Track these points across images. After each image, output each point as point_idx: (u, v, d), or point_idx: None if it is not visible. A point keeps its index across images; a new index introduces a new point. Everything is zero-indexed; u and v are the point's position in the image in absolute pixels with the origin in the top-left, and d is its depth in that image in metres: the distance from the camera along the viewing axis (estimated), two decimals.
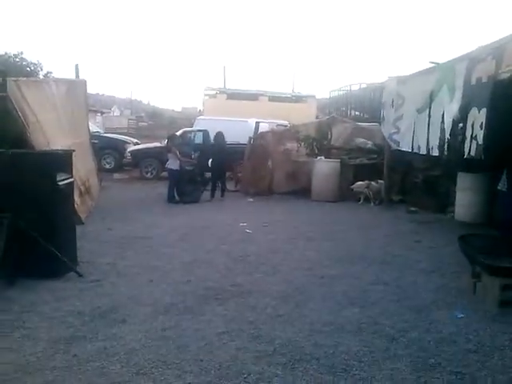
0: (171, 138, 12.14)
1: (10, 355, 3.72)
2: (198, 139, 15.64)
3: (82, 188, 9.80)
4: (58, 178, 5.64)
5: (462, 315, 4.62)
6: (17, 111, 7.65)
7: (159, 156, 14.98)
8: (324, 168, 11.91)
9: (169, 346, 3.93)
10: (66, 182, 5.88)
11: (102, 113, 36.06)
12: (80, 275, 5.69)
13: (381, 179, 11.19)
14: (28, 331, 4.16)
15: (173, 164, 11.54)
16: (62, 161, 5.94)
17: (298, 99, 23.83)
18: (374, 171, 11.49)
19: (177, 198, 11.53)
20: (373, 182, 11.28)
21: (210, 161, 12.13)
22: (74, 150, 6.38)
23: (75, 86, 11.73)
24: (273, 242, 7.65)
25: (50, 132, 8.73)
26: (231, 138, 13.14)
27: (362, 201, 11.41)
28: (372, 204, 11.25)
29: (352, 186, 11.46)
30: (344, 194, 11.74)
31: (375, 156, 12.19)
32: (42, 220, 5.41)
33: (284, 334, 4.18)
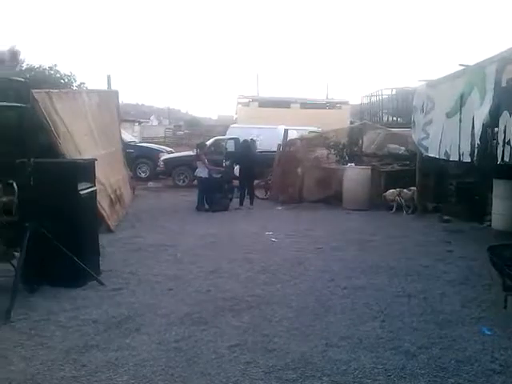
0: (200, 146, 12.21)
1: (21, 364, 3.75)
2: (230, 147, 15.68)
3: (113, 196, 9.95)
4: (79, 187, 5.72)
5: (490, 332, 4.35)
6: (47, 122, 7.86)
7: (191, 164, 15.11)
8: (354, 175, 11.67)
9: (179, 358, 3.87)
10: (88, 190, 5.95)
11: (140, 122, 36.80)
12: (101, 284, 5.74)
13: (413, 186, 10.85)
14: (43, 339, 4.20)
15: (201, 172, 11.59)
16: (84, 170, 6.02)
17: (331, 106, 23.60)
18: (407, 178, 11.16)
19: (206, 206, 11.55)
20: (405, 190, 10.94)
21: (238, 168, 12.12)
22: (95, 159, 6.45)
23: (107, 97, 12.00)
24: (298, 251, 7.51)
25: (81, 142, 8.92)
26: (261, 145, 13.11)
27: (394, 209, 11.08)
28: (404, 212, 10.91)
29: (384, 194, 11.16)
30: (375, 202, 11.45)
31: (408, 162, 11.86)
32: (64, 229, 5.46)
33: (298, 348, 4.05)
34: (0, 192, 7.26)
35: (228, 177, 12.12)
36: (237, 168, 12.50)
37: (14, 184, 6.24)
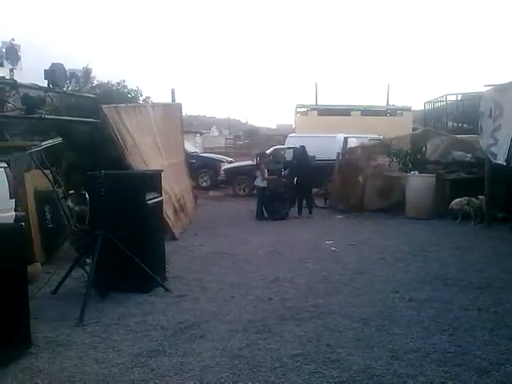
0: (261, 155, 12.33)
1: (94, 366, 3.94)
2: (289, 157, 15.72)
3: (177, 205, 10.26)
4: (147, 197, 5.96)
5: None
6: (116, 135, 8.25)
7: (251, 173, 15.30)
8: (418, 183, 11.35)
9: (243, 366, 3.92)
10: (155, 200, 6.18)
11: (201, 133, 37.70)
12: (167, 290, 5.92)
13: (481, 195, 10.38)
14: (113, 343, 4.39)
15: (260, 181, 11.69)
16: (151, 181, 6.27)
17: (392, 112, 23.07)
18: (474, 186, 10.68)
19: (265, 214, 11.64)
20: (473, 198, 10.49)
21: (296, 178, 12.10)
22: (162, 170, 6.70)
23: (171, 110, 12.42)
24: (359, 261, 7.40)
25: (147, 153, 9.28)
26: (320, 154, 13.06)
27: (459, 219, 10.64)
28: (472, 222, 10.45)
29: (450, 206, 10.71)
30: (440, 211, 11.06)
31: (475, 170, 11.37)
32: (133, 237, 5.70)
33: (362, 360, 3.98)
34: (73, 202, 7.75)
35: (286, 186, 12.12)
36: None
37: (86, 194, 6.63)
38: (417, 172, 11.77)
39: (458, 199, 10.68)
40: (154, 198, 6.18)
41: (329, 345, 4.30)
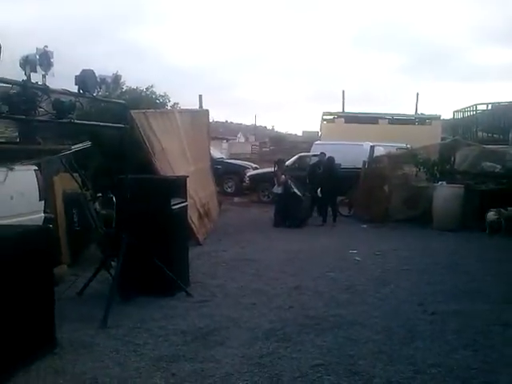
0: (279, 162, 12.29)
1: (116, 368, 3.99)
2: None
3: (201, 210, 10.33)
4: (172, 202, 6.03)
5: None
6: (144, 140, 8.37)
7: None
8: (446, 194, 11.16)
9: (262, 374, 3.91)
10: (180, 205, 6.25)
11: (228, 140, 37.94)
12: (189, 295, 5.96)
13: (510, 206, 10.14)
14: (136, 347, 4.43)
15: (278, 188, 11.66)
16: (177, 186, 6.34)
17: (421, 121, 22.74)
18: (504, 197, 10.45)
19: (286, 222, 11.58)
20: (502, 209, 10.25)
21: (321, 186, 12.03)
22: (187, 176, 6.76)
23: (198, 116, 12.55)
24: (383, 272, 7.32)
25: (174, 159, 9.39)
26: (346, 162, 12.98)
27: (487, 230, 10.40)
28: (500, 234, 10.20)
29: (487, 219, 10.44)
30: (469, 223, 10.83)
31: (504, 181, 11.13)
32: (157, 241, 5.78)
33: (383, 373, 3.93)
34: (100, 205, 7.89)
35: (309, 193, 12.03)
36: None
37: (113, 198, 6.75)
38: (444, 182, 11.58)
39: (490, 213, 10.42)
40: (180, 203, 6.25)
41: (350, 356, 4.25)
